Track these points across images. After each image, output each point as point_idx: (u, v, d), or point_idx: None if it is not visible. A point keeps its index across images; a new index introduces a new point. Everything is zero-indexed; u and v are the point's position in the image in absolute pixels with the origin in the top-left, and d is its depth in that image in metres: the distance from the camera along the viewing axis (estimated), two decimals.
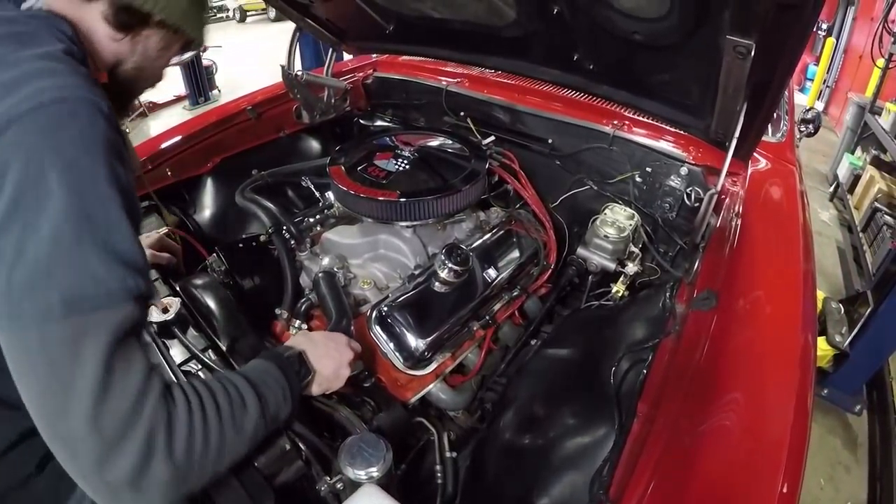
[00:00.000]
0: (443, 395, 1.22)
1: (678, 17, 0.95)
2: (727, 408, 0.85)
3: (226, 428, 0.60)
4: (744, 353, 0.94)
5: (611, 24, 1.03)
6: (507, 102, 1.63)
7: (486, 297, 1.28)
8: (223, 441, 0.59)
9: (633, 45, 1.10)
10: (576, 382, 1.16)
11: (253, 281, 1.26)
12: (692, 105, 1.25)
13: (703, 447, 0.76)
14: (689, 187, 1.41)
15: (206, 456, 0.57)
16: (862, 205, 3.23)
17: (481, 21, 1.25)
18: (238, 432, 0.61)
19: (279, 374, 0.72)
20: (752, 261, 1.16)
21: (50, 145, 0.52)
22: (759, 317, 1.03)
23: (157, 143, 1.61)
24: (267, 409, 0.66)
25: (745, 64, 0.91)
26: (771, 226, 1.26)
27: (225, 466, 0.61)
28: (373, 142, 1.46)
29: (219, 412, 0.60)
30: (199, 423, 0.57)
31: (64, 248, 0.50)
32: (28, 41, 0.57)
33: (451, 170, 1.31)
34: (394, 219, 1.22)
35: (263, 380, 0.69)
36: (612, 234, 1.37)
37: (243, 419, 0.62)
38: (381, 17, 1.52)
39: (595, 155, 1.55)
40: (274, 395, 0.68)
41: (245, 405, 0.63)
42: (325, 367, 0.83)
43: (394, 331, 1.13)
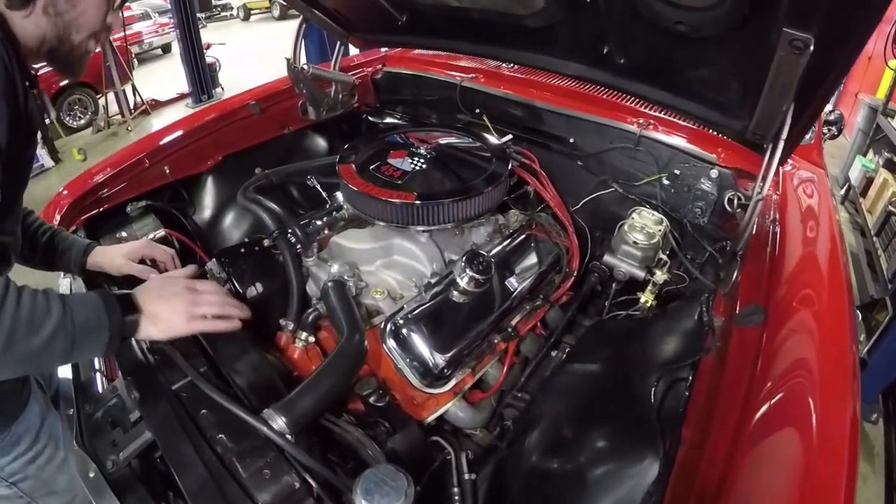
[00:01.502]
0: (461, 414, 1.14)
1: (730, 6, 0.87)
2: (783, 439, 0.76)
3: (21, 321, 0.65)
4: (795, 375, 0.86)
5: (652, 14, 0.95)
6: (526, 99, 1.54)
7: (507, 308, 1.19)
8: (14, 331, 0.64)
9: (673, 37, 1.01)
10: (607, 402, 1.08)
11: (255, 289, 1.17)
12: (729, 103, 1.16)
13: (759, 481, 0.68)
14: (721, 191, 1.32)
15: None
16: (875, 208, 3.16)
17: (505, 10, 1.16)
18: (33, 330, 0.66)
19: (98, 301, 0.75)
20: (795, 272, 1.07)
21: None
22: (808, 334, 0.95)
23: (155, 140, 1.52)
24: (71, 322, 0.70)
25: (799, 60, 0.84)
26: (809, 233, 1.18)
27: (14, 362, 0.67)
28: (385, 139, 1.37)
29: (18, 304, 0.65)
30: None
31: None
32: None
33: (471, 170, 1.22)
34: (410, 223, 1.13)
35: (78, 300, 0.73)
36: (641, 240, 1.29)
37: (43, 320, 0.67)
38: (394, 7, 1.43)
39: (619, 155, 1.47)
40: (84, 313, 0.72)
41: (49, 310, 0.68)
42: (159, 308, 0.83)
43: (410, 346, 1.04)
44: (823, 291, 1.03)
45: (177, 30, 5.91)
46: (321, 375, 0.82)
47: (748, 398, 0.81)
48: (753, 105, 1.07)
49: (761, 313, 0.96)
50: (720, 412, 0.87)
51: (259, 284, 1.17)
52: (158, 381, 0.84)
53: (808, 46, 0.81)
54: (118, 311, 0.78)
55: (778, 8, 0.84)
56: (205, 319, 0.89)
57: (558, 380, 1.18)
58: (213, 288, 0.94)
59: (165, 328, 0.84)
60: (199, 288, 0.91)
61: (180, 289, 0.88)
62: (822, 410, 0.76)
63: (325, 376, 0.82)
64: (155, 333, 0.83)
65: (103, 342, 0.75)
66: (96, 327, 0.74)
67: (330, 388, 0.81)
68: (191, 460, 0.69)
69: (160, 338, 0.84)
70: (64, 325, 0.69)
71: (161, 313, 0.83)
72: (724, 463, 0.73)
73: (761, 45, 0.90)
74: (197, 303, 0.88)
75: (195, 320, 0.87)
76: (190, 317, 0.86)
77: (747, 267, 1.14)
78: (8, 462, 0.93)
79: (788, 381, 0.82)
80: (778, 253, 1.10)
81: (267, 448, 0.71)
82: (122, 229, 1.40)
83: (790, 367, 0.85)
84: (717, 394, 0.93)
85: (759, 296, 1.05)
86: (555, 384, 1.17)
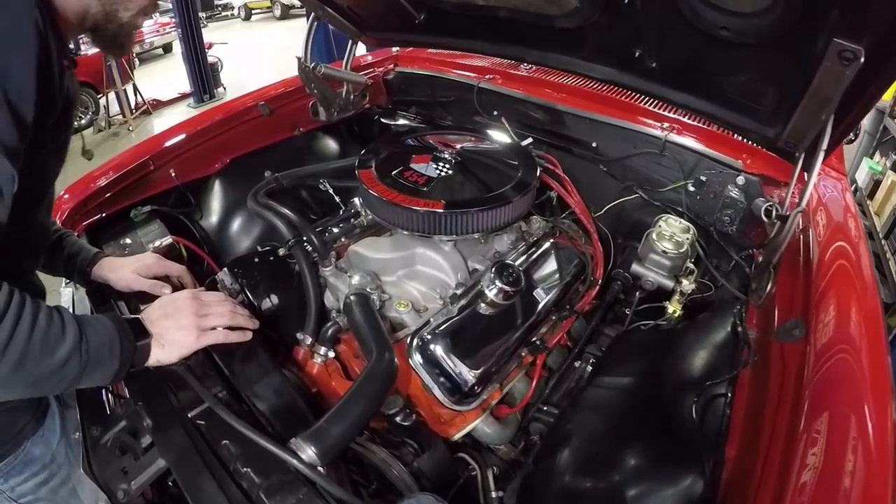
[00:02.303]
0: (487, 430, 1.09)
1: (780, 13, 0.83)
2: (832, 459, 0.72)
3: (34, 343, 0.61)
4: (842, 394, 0.82)
5: (696, 18, 0.90)
6: (546, 101, 1.49)
7: (536, 320, 1.14)
8: (27, 352, 0.60)
9: (712, 41, 0.96)
10: (642, 418, 1.04)
11: (270, 301, 1.11)
12: (763, 110, 1.12)
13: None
14: (749, 198, 1.28)
15: (2, 357, 0.57)
16: (883, 211, 3.14)
17: (535, 10, 1.11)
18: (47, 352, 0.62)
19: (111, 326, 0.71)
20: (830, 284, 1.03)
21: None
22: (850, 349, 0.90)
23: (160, 142, 1.45)
24: (85, 346, 0.66)
25: (846, 71, 0.81)
26: (839, 242, 1.14)
27: (23, 384, 0.62)
28: (407, 142, 1.32)
29: (34, 325, 0.61)
30: (9, 326, 0.58)
31: None
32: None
33: (498, 177, 1.17)
34: (437, 232, 1.07)
35: (92, 324, 0.70)
36: (670, 249, 1.24)
37: (57, 344, 0.63)
38: (412, 5, 1.37)
39: (642, 160, 1.42)
40: (98, 338, 0.69)
41: (64, 333, 0.65)
42: (165, 328, 0.79)
43: (439, 362, 0.99)
44: (859, 304, 0.99)
45: (179, 29, 5.84)
46: (351, 400, 0.77)
47: (795, 416, 0.77)
48: (789, 113, 1.03)
49: (802, 328, 0.92)
50: (766, 431, 0.84)
51: (274, 296, 1.11)
52: (172, 406, 0.78)
53: (857, 58, 0.78)
54: (130, 337, 0.74)
55: (829, 17, 0.80)
56: (215, 332, 0.84)
57: (589, 394, 1.14)
58: (219, 297, 0.90)
59: (175, 349, 0.80)
60: (204, 298, 0.86)
61: (184, 301, 0.83)
62: (878, 431, 0.72)
63: (355, 401, 0.77)
64: (164, 357, 0.79)
65: (112, 372, 0.71)
66: (108, 355, 0.70)
67: (361, 413, 0.76)
68: (214, 498, 0.64)
69: (170, 361, 0.80)
70: (78, 350, 0.66)
71: (167, 333, 0.79)
72: (777, 485, 0.69)
73: (805, 53, 0.87)
74: (204, 314, 0.83)
75: (205, 334, 0.82)
76: (199, 331, 0.82)
77: (781, 278, 1.11)
78: (19, 483, 0.87)
79: (836, 399, 0.78)
80: (812, 265, 1.06)
81: (297, 482, 0.66)
82: (126, 235, 1.34)
83: (836, 384, 0.81)
84: (762, 411, 0.89)
85: (796, 309, 1.02)
86: (585, 399, 1.13)
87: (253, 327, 0.90)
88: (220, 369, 0.85)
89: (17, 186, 0.61)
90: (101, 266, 1.02)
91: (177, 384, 0.81)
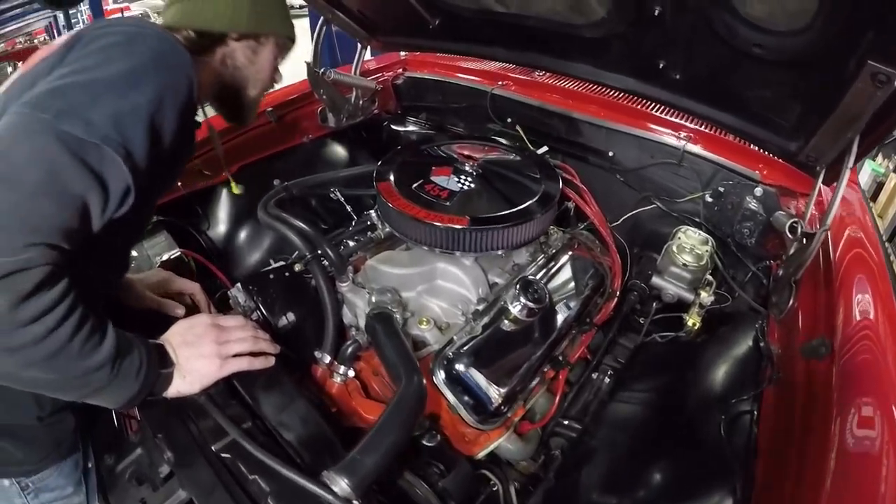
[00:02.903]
0: (510, 446, 1.07)
1: (817, 33, 0.81)
2: (866, 487, 0.71)
3: (76, 339, 0.60)
4: (865, 410, 0.81)
5: (729, 34, 0.88)
6: (563, 109, 1.47)
7: (558, 336, 1.12)
8: (65, 348, 0.59)
9: (743, 56, 0.95)
10: (668, 435, 1.03)
11: (286, 319, 1.08)
12: (785, 124, 1.11)
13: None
14: (767, 210, 1.27)
15: (42, 341, 0.57)
16: (887, 213, 3.16)
17: (558, 18, 1.08)
18: (82, 355, 0.62)
19: (142, 348, 0.70)
20: (854, 301, 1.02)
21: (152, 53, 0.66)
22: (877, 367, 0.89)
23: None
24: (119, 363, 0.66)
25: (877, 92, 0.81)
26: (859, 255, 1.14)
27: (47, 375, 0.61)
28: (425, 152, 1.28)
29: (80, 325, 0.61)
30: (58, 315, 0.58)
31: (113, 89, 0.61)
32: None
33: (521, 191, 1.14)
34: (461, 249, 1.05)
35: (130, 342, 0.69)
36: (690, 262, 1.23)
37: (93, 352, 0.63)
38: (427, 9, 1.34)
39: (659, 170, 1.41)
40: (130, 361, 0.67)
41: (103, 342, 0.64)
42: (185, 357, 0.77)
43: (464, 382, 0.97)
44: (886, 320, 0.98)
45: None
46: (384, 429, 0.74)
47: (826, 438, 0.76)
48: (813, 128, 1.03)
49: (828, 346, 0.92)
50: (795, 451, 0.83)
51: (291, 314, 1.08)
52: (194, 438, 0.75)
53: (891, 81, 0.78)
54: (156, 364, 0.71)
55: (865, 39, 0.79)
56: (238, 359, 0.81)
57: (611, 409, 1.12)
58: (239, 322, 0.86)
59: (197, 379, 0.76)
60: (224, 324, 0.83)
61: (205, 328, 0.80)
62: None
63: (387, 430, 0.74)
64: (185, 388, 0.76)
65: (129, 395, 0.68)
66: (133, 377, 0.68)
67: (394, 442, 0.74)
68: None
69: (191, 392, 0.76)
70: (111, 364, 0.65)
71: (188, 363, 0.76)
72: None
73: (836, 72, 0.87)
74: (226, 341, 0.80)
75: (227, 362, 0.79)
76: (221, 359, 0.78)
77: (802, 292, 1.10)
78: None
79: (868, 422, 0.77)
80: (834, 280, 1.05)
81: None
82: (133, 248, 1.30)
83: (868, 405, 0.80)
84: (790, 430, 0.88)
85: (819, 324, 1.01)
86: (608, 414, 1.12)
87: (275, 352, 0.86)
88: (241, 396, 0.82)
89: (129, 204, 0.64)
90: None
91: (197, 414, 0.77)
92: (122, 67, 0.62)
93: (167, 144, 0.67)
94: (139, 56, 0.64)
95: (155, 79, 0.64)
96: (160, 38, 0.67)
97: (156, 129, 0.64)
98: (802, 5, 0.76)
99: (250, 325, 0.86)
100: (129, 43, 0.65)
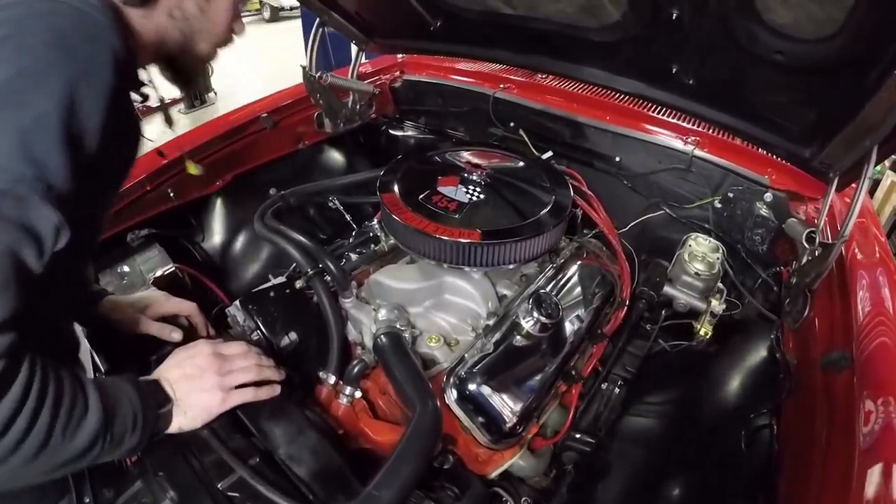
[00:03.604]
0: (523, 463, 1.04)
1: (843, 42, 0.79)
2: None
3: (56, 429, 0.53)
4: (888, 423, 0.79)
5: (749, 40, 0.86)
6: (567, 113, 1.43)
7: (571, 350, 1.09)
8: (48, 441, 0.53)
9: (761, 63, 0.92)
10: (685, 448, 1.01)
11: (288, 338, 1.03)
12: (798, 130, 1.09)
13: None
14: (778, 216, 1.25)
15: (18, 447, 0.50)
16: (883, 211, 3.16)
17: (568, 21, 1.04)
18: (69, 438, 0.55)
19: (134, 396, 0.64)
20: (869, 308, 1.00)
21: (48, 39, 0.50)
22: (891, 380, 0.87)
23: (155, 160, 1.34)
24: (110, 429, 0.59)
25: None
26: (870, 262, 1.12)
27: (38, 473, 0.55)
28: (430, 160, 1.24)
29: (57, 410, 0.53)
30: (30, 411, 0.51)
31: (6, 102, 0.48)
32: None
33: (532, 201, 1.10)
34: (471, 264, 1.01)
35: (116, 396, 0.62)
36: (703, 270, 1.20)
37: (79, 427, 0.56)
38: (428, 11, 1.29)
39: (667, 175, 1.38)
40: (122, 417, 0.61)
41: (86, 413, 0.57)
42: (186, 391, 0.71)
43: (478, 402, 0.93)
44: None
45: None
46: (400, 461, 0.70)
47: (848, 454, 0.74)
48: (829, 135, 1.01)
49: (847, 359, 0.90)
50: (817, 465, 0.81)
51: (293, 333, 1.04)
52: (197, 476, 0.70)
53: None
54: (152, 406, 0.66)
55: (891, 49, 0.76)
56: (242, 391, 0.76)
57: (625, 422, 1.10)
58: (241, 349, 0.81)
59: (199, 414, 0.72)
60: (225, 352, 0.78)
61: (205, 358, 0.75)
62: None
63: (404, 461, 0.70)
64: (187, 424, 0.71)
65: (130, 448, 0.63)
66: (131, 429, 0.62)
67: (411, 474, 0.70)
68: None
69: (193, 427, 0.72)
70: (103, 433, 0.58)
71: (188, 397, 0.71)
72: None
73: (858, 80, 0.85)
74: (228, 372, 0.75)
75: (230, 395, 0.74)
76: (224, 392, 0.73)
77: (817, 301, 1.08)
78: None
79: (891, 442, 0.75)
80: (851, 289, 1.03)
81: None
82: (124, 263, 1.24)
83: (877, 415, 0.78)
84: (811, 444, 0.86)
85: (836, 334, 0.99)
86: (622, 427, 1.09)
87: (280, 379, 0.82)
88: (245, 428, 0.77)
89: (65, 238, 0.52)
90: (105, 306, 0.92)
91: (200, 449, 0.73)
92: (10, 70, 0.48)
93: (97, 148, 0.54)
94: (32, 45, 0.49)
95: (59, 70, 0.50)
96: (59, 10, 0.52)
97: (75, 136, 0.51)
98: (830, 14, 0.73)
99: (253, 351, 0.81)
100: (19, 29, 0.50)
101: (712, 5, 0.82)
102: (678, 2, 0.85)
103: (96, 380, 0.61)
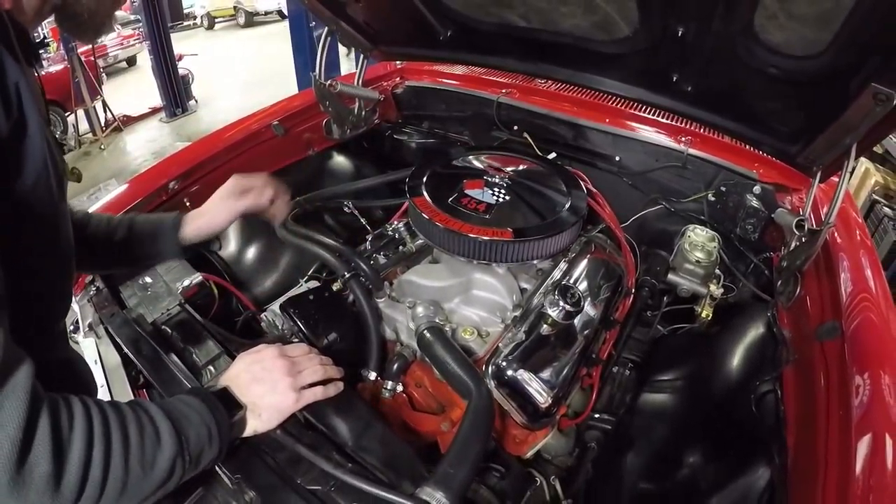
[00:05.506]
0: (553, 442, 1.12)
1: (828, 59, 0.90)
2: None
3: (132, 464, 0.52)
4: (876, 382, 0.91)
5: (748, 55, 0.96)
6: (569, 116, 1.52)
7: (591, 335, 1.17)
8: (127, 479, 0.51)
9: (757, 74, 1.03)
10: (698, 418, 1.10)
11: (328, 339, 1.07)
12: (786, 130, 1.21)
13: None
14: (766, 206, 1.38)
15: (103, 494, 0.49)
16: (858, 197, 3.26)
17: (580, 33, 1.13)
18: (148, 470, 0.54)
19: (204, 409, 0.63)
20: (852, 284, 1.14)
21: None
22: (880, 344, 1.00)
23: (170, 170, 1.34)
24: (187, 449, 0.58)
25: (876, 108, 0.90)
26: (851, 245, 1.26)
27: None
28: (451, 165, 1.30)
29: (126, 445, 0.52)
30: (100, 455, 0.49)
31: None
32: None
33: (551, 201, 1.19)
34: (503, 260, 1.07)
35: (185, 414, 0.61)
36: (702, 258, 1.32)
37: (156, 456, 0.55)
38: (439, 21, 1.35)
39: (664, 172, 1.49)
40: (196, 434, 0.60)
41: (159, 441, 0.56)
42: (257, 395, 0.72)
43: (516, 386, 1.00)
44: (878, 299, 1.10)
45: (147, 42, 5.47)
46: (468, 440, 0.76)
47: (845, 405, 0.85)
48: (814, 135, 1.12)
49: (839, 329, 1.01)
50: (821, 419, 0.91)
51: (333, 334, 1.07)
52: (277, 475, 0.73)
53: (890, 100, 0.87)
54: (225, 415, 0.67)
55: (870, 63, 0.88)
56: (312, 390, 0.79)
57: (643, 400, 1.19)
58: (304, 350, 0.85)
59: (274, 416, 0.74)
60: (292, 354, 0.81)
61: (273, 362, 0.77)
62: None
63: (472, 440, 0.76)
64: (262, 426, 0.73)
65: (211, 459, 0.64)
66: (208, 445, 0.63)
67: (478, 451, 0.76)
68: None
69: (268, 429, 0.74)
70: (181, 455, 0.58)
71: (262, 400, 0.73)
72: (842, 466, 0.75)
73: (840, 89, 0.96)
74: (297, 373, 0.78)
75: (302, 395, 0.77)
76: (296, 392, 0.76)
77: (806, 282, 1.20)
78: None
79: (881, 391, 0.87)
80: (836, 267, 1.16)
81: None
82: (146, 274, 1.24)
83: (878, 377, 0.90)
84: (814, 402, 0.96)
85: (826, 308, 1.11)
86: (640, 404, 1.18)
87: (341, 376, 0.86)
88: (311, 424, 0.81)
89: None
90: (187, 224, 0.97)
91: (272, 449, 0.76)
92: None
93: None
94: None
95: None
96: None
97: None
98: (819, 36, 0.84)
99: (315, 352, 0.85)
100: None
101: (716, 25, 0.92)
102: (685, 21, 0.94)
103: (160, 402, 0.61)
